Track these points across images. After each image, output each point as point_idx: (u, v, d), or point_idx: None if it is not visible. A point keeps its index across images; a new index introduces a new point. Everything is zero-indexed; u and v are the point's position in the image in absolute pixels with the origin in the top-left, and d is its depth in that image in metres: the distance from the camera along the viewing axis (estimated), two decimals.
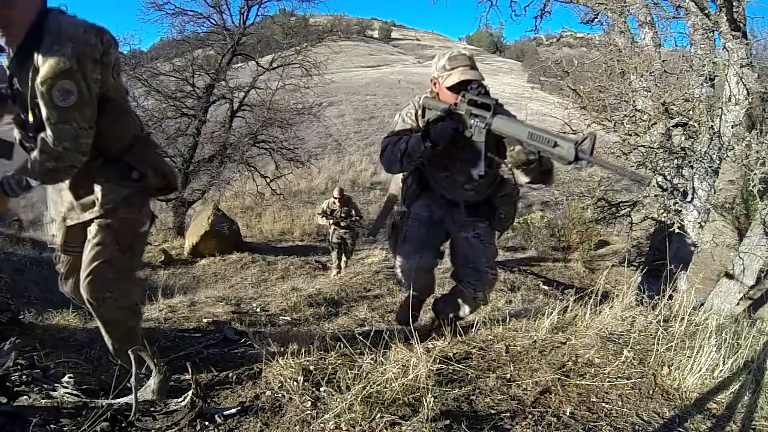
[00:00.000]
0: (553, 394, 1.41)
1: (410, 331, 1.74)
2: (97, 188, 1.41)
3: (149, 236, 1.94)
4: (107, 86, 1.31)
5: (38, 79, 1.18)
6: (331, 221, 6.52)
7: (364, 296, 4.28)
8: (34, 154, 1.29)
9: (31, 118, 1.26)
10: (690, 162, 4.20)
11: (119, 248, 1.43)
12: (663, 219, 4.47)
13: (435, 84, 1.80)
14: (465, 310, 2.05)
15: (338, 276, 5.86)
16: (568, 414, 1.31)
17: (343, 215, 6.49)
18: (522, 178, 1.73)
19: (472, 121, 1.59)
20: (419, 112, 1.83)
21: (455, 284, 2.05)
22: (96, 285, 1.42)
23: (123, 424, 1.25)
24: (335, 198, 6.50)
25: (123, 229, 1.44)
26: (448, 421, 1.22)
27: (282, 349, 1.72)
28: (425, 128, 1.66)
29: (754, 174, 3.44)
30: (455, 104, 1.65)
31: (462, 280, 2.00)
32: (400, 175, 2.05)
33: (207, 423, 1.29)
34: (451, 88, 1.72)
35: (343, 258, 6.58)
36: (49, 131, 1.23)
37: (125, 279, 1.50)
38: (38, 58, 1.19)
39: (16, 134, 1.39)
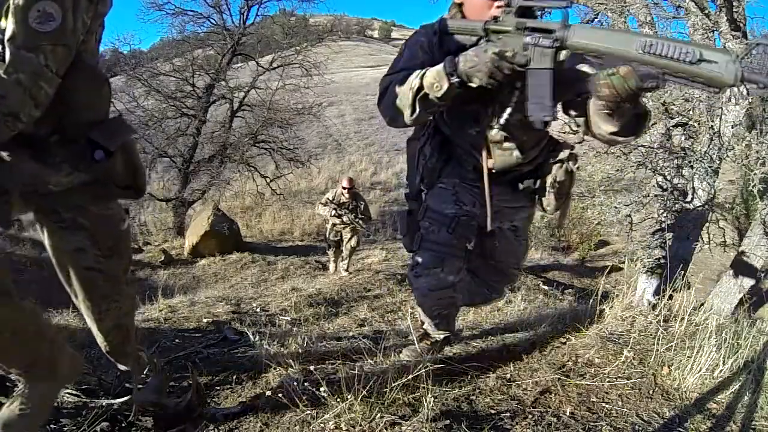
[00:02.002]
0: (553, 394, 1.41)
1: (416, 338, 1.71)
2: (46, 171, 1.06)
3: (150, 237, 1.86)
4: (87, 45, 1.05)
5: None
6: (336, 212, 5.61)
7: (364, 296, 4.29)
8: None
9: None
10: (690, 162, 4.19)
11: (101, 253, 1.18)
12: (663, 219, 4.46)
13: None
14: (474, 300, 1.78)
15: (338, 276, 5.84)
16: (568, 414, 1.31)
17: (350, 208, 5.63)
18: (606, 126, 1.10)
19: (528, 39, 1.05)
20: (436, 42, 1.28)
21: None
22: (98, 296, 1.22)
23: (123, 424, 1.25)
24: (344, 188, 5.53)
25: (98, 229, 1.17)
26: (448, 421, 1.22)
27: (282, 349, 1.72)
28: (452, 57, 1.14)
29: (754, 174, 3.44)
30: (495, 18, 1.12)
31: (478, 275, 1.65)
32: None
33: (207, 423, 1.29)
34: None
35: (344, 257, 5.90)
36: (7, 55, 0.93)
37: (120, 284, 1.28)
38: None
39: None
